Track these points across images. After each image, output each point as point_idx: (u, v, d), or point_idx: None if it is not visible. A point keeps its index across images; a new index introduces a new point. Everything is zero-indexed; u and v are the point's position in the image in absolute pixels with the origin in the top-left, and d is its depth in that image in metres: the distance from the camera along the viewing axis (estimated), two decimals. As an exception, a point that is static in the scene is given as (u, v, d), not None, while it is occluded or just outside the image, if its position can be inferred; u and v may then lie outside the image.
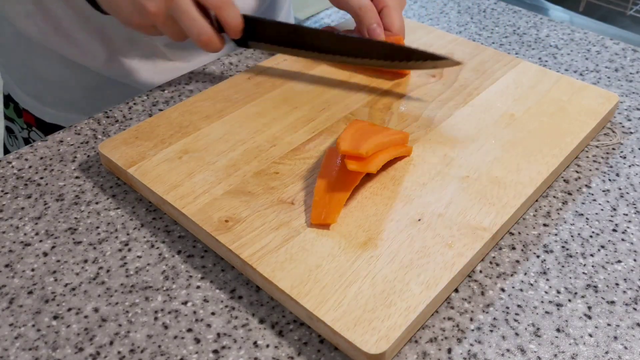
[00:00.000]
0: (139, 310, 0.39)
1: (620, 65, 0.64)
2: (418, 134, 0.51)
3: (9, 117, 0.74)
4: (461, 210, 0.44)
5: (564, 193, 0.48)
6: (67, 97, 0.68)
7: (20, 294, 0.40)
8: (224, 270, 0.42)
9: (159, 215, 0.46)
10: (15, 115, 0.73)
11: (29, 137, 0.73)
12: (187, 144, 0.50)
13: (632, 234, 0.45)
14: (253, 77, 0.58)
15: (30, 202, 0.47)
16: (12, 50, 0.67)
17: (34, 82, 0.68)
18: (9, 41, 0.67)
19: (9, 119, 0.74)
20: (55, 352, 0.37)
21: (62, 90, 0.68)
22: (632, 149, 0.53)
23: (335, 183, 0.44)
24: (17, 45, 0.66)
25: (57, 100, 0.68)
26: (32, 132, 0.72)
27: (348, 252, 0.40)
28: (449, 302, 0.40)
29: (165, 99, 0.59)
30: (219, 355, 0.37)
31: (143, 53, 0.66)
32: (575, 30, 0.70)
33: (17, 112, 0.72)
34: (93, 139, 0.54)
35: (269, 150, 0.49)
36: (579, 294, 0.40)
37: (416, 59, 0.54)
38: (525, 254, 0.43)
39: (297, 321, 0.39)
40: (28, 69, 0.68)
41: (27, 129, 0.72)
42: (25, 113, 0.71)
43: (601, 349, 0.37)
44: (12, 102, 0.72)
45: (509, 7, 0.76)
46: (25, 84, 0.69)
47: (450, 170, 0.47)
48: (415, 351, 0.37)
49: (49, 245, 0.44)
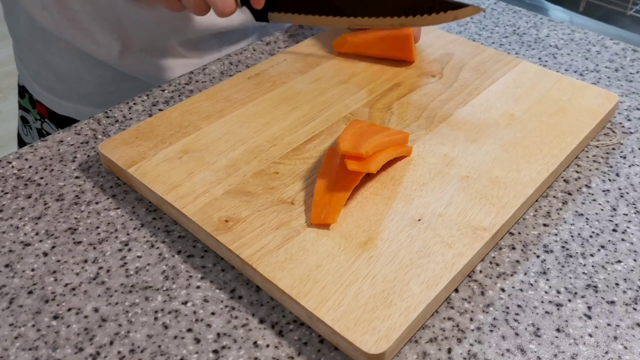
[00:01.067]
0: (139, 310, 0.39)
1: (620, 65, 0.64)
2: (418, 134, 0.51)
3: (24, 107, 0.75)
4: (461, 210, 0.44)
5: (564, 193, 0.48)
6: (80, 89, 0.69)
7: (20, 294, 0.40)
8: (224, 270, 0.42)
9: (159, 215, 0.46)
10: (30, 106, 0.74)
11: (41, 128, 0.74)
12: (187, 144, 0.50)
13: (632, 234, 0.45)
14: (253, 77, 0.58)
15: (30, 202, 0.47)
16: (28, 42, 0.68)
17: (47, 74, 0.69)
18: (25, 33, 0.68)
19: (24, 109, 0.75)
20: (55, 352, 0.37)
21: (75, 83, 0.68)
22: (632, 149, 0.53)
23: (335, 183, 0.44)
24: (32, 37, 0.67)
25: (70, 93, 0.69)
26: (45, 124, 0.73)
27: (348, 252, 0.40)
28: (449, 302, 0.40)
29: (165, 99, 0.59)
30: (219, 355, 0.37)
31: (157, 49, 0.66)
32: (575, 30, 0.70)
33: (32, 103, 0.73)
34: (93, 139, 0.54)
35: (269, 150, 0.49)
36: (579, 294, 0.40)
37: (437, 11, 0.54)
38: (525, 254, 0.43)
39: (297, 321, 0.39)
40: (42, 61, 0.68)
41: (40, 120, 0.73)
42: (39, 104, 0.72)
43: (601, 349, 0.37)
44: (27, 93, 0.73)
45: (509, 7, 0.76)
46: (39, 76, 0.70)
47: (450, 170, 0.47)
48: (415, 351, 0.37)
49: (49, 245, 0.44)
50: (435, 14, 0.54)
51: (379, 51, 0.61)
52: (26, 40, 0.68)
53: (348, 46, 0.61)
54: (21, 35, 0.69)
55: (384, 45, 0.60)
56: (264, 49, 0.67)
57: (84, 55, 0.65)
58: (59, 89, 0.69)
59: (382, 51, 0.60)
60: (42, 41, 0.66)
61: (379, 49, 0.60)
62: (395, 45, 0.59)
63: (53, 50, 0.66)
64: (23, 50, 0.71)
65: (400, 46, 0.59)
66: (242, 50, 0.66)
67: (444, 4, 0.53)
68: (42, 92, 0.71)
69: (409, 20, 0.55)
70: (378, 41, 0.60)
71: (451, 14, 0.54)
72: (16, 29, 0.69)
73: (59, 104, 0.70)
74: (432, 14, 0.54)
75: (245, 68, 0.63)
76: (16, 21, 0.68)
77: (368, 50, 0.61)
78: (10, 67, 2.31)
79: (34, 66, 0.70)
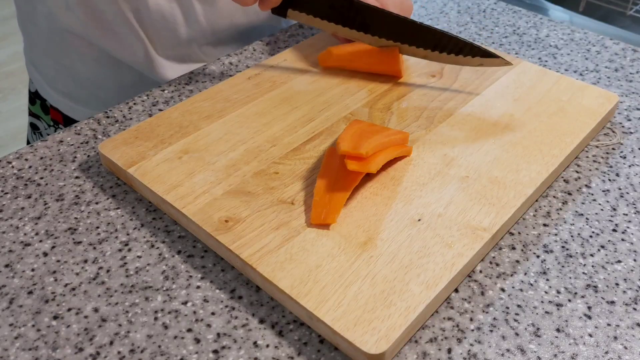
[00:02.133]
0: (139, 310, 0.39)
1: (620, 65, 0.64)
2: (418, 134, 0.51)
3: (34, 114, 0.75)
4: (461, 210, 0.44)
5: (564, 193, 0.48)
6: (100, 94, 0.68)
7: (20, 294, 0.40)
8: (224, 270, 0.42)
9: (159, 215, 0.46)
10: (42, 113, 0.73)
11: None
12: (187, 144, 0.50)
13: (632, 234, 0.45)
14: (253, 77, 0.58)
15: (30, 202, 0.47)
16: (45, 47, 0.68)
17: (65, 80, 0.69)
18: (43, 38, 0.67)
19: (35, 115, 0.75)
20: (55, 352, 0.37)
21: (95, 88, 0.68)
22: (632, 149, 0.53)
23: (335, 183, 0.44)
24: (50, 43, 0.67)
25: (89, 98, 0.69)
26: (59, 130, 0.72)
27: (348, 252, 0.40)
28: (449, 302, 0.40)
29: (165, 99, 0.59)
30: (219, 355, 0.37)
31: (180, 52, 0.66)
32: (575, 30, 0.70)
33: (44, 109, 0.73)
34: (93, 139, 0.54)
35: (268, 150, 0.49)
36: (579, 294, 0.40)
37: (465, 54, 0.53)
38: (525, 254, 0.43)
39: (297, 321, 0.39)
40: (60, 66, 0.68)
41: (53, 126, 0.73)
42: (53, 110, 0.72)
43: (601, 349, 0.37)
44: (39, 99, 0.73)
45: (509, 7, 0.76)
46: (56, 82, 0.70)
47: (450, 170, 0.47)
48: (415, 351, 0.37)
49: (49, 245, 0.44)
50: (463, 56, 0.54)
51: (366, 66, 0.58)
52: (43, 46, 0.68)
53: (333, 60, 0.58)
54: (38, 41, 0.68)
55: (371, 59, 0.57)
56: (264, 49, 0.67)
57: (104, 59, 0.65)
58: (78, 94, 0.69)
59: (369, 66, 0.58)
60: (62, 46, 0.66)
61: (365, 63, 0.58)
62: (383, 60, 0.57)
63: (72, 55, 0.66)
64: (39, 56, 0.70)
65: (388, 61, 0.57)
66: (242, 50, 0.66)
67: (474, 50, 0.53)
68: (58, 97, 0.70)
69: (434, 55, 0.55)
70: (364, 55, 0.58)
71: (478, 60, 0.54)
72: (33, 34, 0.68)
73: (76, 109, 0.70)
74: (459, 56, 0.54)
75: (245, 68, 0.63)
76: (33, 26, 0.67)
77: (354, 64, 0.58)
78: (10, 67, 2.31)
79: (50, 71, 0.70)
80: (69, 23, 0.63)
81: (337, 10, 0.55)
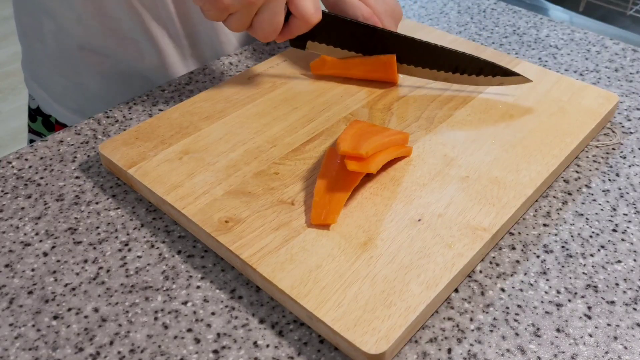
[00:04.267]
0: (139, 310, 0.39)
1: (620, 65, 0.64)
2: (418, 134, 0.51)
3: (35, 131, 0.75)
4: (461, 211, 0.44)
5: (564, 193, 0.48)
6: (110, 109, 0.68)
7: (20, 294, 0.40)
8: (224, 270, 0.42)
9: (159, 216, 0.46)
10: (45, 130, 0.73)
11: None
12: (187, 144, 0.50)
13: (632, 234, 0.45)
14: (253, 77, 0.58)
15: (30, 202, 0.47)
16: (55, 65, 0.67)
17: (75, 96, 0.68)
18: (52, 57, 0.66)
19: (36, 132, 0.74)
20: (55, 352, 0.37)
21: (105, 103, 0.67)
22: (632, 149, 0.53)
23: (335, 183, 0.44)
24: (58, 60, 0.66)
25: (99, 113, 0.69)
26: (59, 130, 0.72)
27: (348, 252, 0.40)
28: (449, 302, 0.40)
29: (165, 99, 0.59)
30: (219, 355, 0.37)
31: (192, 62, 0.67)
32: (575, 30, 0.70)
33: (48, 125, 0.72)
34: (93, 139, 0.54)
35: (269, 150, 0.49)
36: (579, 294, 0.40)
37: (485, 74, 0.53)
38: (525, 254, 0.43)
39: (297, 321, 0.39)
40: (70, 82, 0.67)
41: None
42: (59, 126, 0.71)
43: (601, 349, 0.37)
44: (41, 116, 0.72)
45: (509, 7, 0.76)
46: (65, 98, 0.69)
47: (450, 170, 0.47)
48: (415, 351, 0.37)
49: (49, 245, 0.44)
50: (484, 76, 0.54)
51: (361, 73, 0.57)
52: (52, 64, 0.67)
53: (327, 68, 0.57)
54: (44, 59, 0.67)
55: (365, 66, 0.56)
56: (264, 49, 0.67)
57: (114, 74, 0.65)
58: (89, 109, 0.68)
59: (364, 73, 0.57)
60: (72, 63, 0.65)
61: (360, 70, 0.57)
62: (378, 66, 0.56)
63: (84, 71, 0.65)
64: (45, 74, 0.69)
65: (383, 67, 0.56)
66: (242, 50, 0.66)
67: (495, 69, 0.53)
68: (67, 114, 0.70)
69: (455, 77, 0.55)
70: (359, 63, 0.57)
71: (498, 79, 0.54)
72: (38, 52, 0.68)
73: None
74: (479, 76, 0.54)
75: (245, 68, 0.63)
76: (40, 44, 0.66)
77: (348, 72, 0.57)
78: (10, 67, 2.31)
79: (58, 88, 0.69)
80: (82, 37, 0.63)
81: (359, 39, 0.55)
